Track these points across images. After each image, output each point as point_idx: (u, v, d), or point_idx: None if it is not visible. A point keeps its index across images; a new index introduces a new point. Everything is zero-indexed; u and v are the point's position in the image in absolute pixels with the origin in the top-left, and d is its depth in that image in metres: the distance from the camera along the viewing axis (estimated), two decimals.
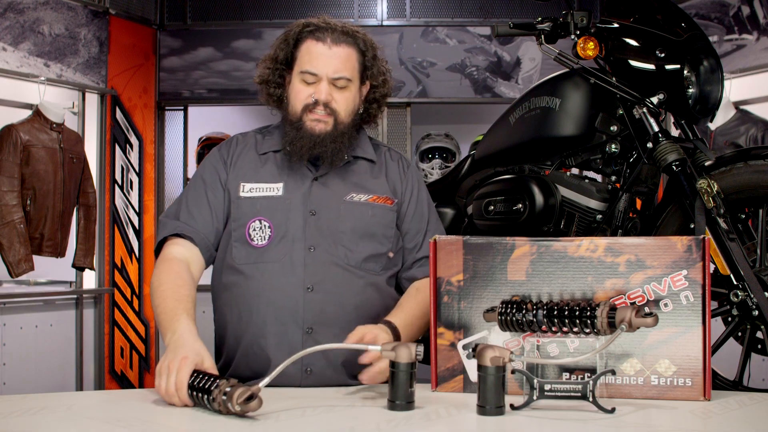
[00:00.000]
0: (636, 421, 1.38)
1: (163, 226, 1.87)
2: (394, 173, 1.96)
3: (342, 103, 1.85)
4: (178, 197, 1.94)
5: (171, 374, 1.47)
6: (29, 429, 1.32)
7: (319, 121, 1.83)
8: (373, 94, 1.95)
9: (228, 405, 1.38)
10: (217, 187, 1.88)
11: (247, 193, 1.85)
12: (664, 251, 1.54)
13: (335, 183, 1.88)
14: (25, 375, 4.21)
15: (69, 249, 4.34)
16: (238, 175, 1.88)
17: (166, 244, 1.85)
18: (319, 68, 1.83)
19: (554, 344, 1.56)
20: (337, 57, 1.84)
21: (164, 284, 1.73)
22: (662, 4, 2.06)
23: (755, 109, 4.10)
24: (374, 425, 1.35)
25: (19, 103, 4.26)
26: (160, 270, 1.79)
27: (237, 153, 1.92)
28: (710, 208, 1.85)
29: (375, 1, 5.16)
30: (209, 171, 1.91)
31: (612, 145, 2.10)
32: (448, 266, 1.63)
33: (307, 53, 1.85)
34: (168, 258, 1.81)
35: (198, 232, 1.84)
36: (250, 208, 1.83)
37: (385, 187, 1.92)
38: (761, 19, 4.12)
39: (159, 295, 1.71)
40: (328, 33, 1.86)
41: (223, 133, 5.30)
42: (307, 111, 1.84)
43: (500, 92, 5.17)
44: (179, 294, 1.70)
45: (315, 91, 1.83)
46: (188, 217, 1.86)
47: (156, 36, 5.16)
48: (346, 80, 1.85)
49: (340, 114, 1.85)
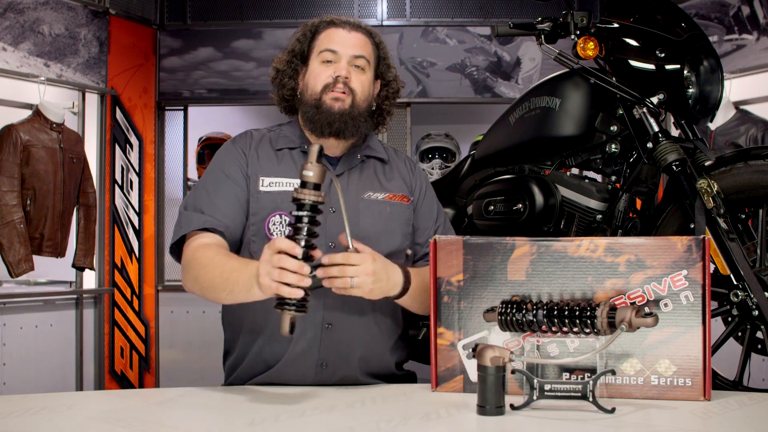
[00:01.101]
0: (636, 421, 1.38)
1: (187, 219, 1.81)
2: (404, 172, 1.97)
3: (359, 84, 1.87)
4: (194, 188, 1.89)
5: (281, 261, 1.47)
6: (29, 429, 1.32)
7: (337, 99, 1.84)
8: (385, 92, 1.97)
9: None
10: (240, 179, 1.85)
11: (267, 187, 1.84)
12: (664, 251, 1.54)
13: (352, 181, 1.88)
14: (25, 375, 4.21)
15: (69, 249, 4.34)
16: (257, 169, 1.86)
17: (193, 237, 1.79)
18: (338, 46, 1.86)
19: (554, 344, 1.56)
20: (357, 39, 1.89)
21: (214, 257, 1.70)
22: (662, 4, 2.06)
23: (755, 109, 4.10)
24: (374, 425, 1.35)
25: (19, 103, 4.26)
26: (200, 254, 1.73)
27: (254, 146, 1.90)
28: (710, 208, 1.85)
29: (375, 1, 5.16)
30: (230, 163, 1.87)
31: (612, 145, 2.10)
32: (448, 266, 1.63)
33: (327, 37, 1.89)
34: (203, 244, 1.77)
35: (226, 226, 1.80)
36: (270, 202, 1.82)
37: (400, 185, 1.93)
38: (761, 19, 4.12)
39: (217, 263, 1.68)
40: (346, 23, 1.91)
41: (223, 133, 5.29)
42: (326, 90, 1.85)
43: (500, 92, 5.16)
44: (232, 257, 1.71)
45: (335, 69, 1.85)
46: (214, 210, 1.81)
47: (156, 36, 5.15)
48: (364, 61, 1.88)
49: (357, 94, 1.86)
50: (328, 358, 1.78)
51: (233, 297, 1.66)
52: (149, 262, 5.04)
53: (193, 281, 1.74)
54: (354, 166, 1.90)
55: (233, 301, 1.68)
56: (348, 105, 1.84)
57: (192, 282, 1.75)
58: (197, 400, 1.63)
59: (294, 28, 2.05)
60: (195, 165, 5.24)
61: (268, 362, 1.80)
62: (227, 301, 1.71)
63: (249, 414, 1.44)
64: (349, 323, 1.79)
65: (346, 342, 1.79)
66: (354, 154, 1.92)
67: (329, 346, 1.78)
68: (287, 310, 1.47)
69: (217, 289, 1.67)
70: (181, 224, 1.82)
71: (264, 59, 5.11)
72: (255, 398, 1.61)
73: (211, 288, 1.69)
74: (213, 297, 1.71)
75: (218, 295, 1.69)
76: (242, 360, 1.84)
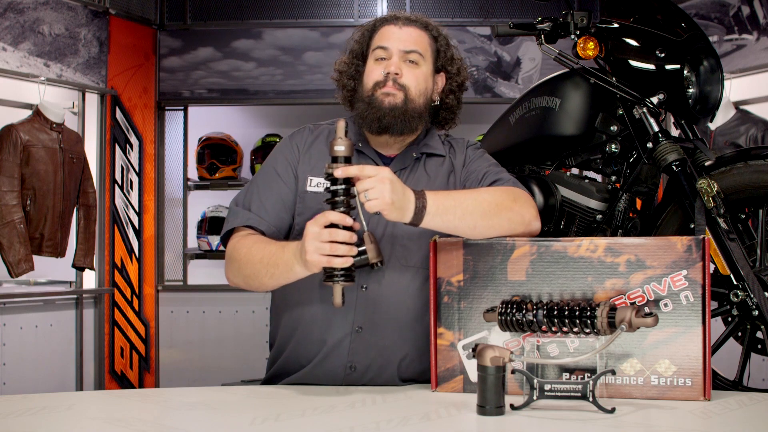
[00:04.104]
0: (636, 421, 1.38)
1: (234, 215, 1.84)
2: (459, 161, 1.92)
3: (412, 79, 1.84)
4: (247, 185, 1.90)
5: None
6: (29, 429, 1.32)
7: (388, 94, 1.82)
8: (450, 85, 1.94)
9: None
10: (289, 178, 1.86)
11: (314, 187, 1.83)
12: (664, 251, 1.54)
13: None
14: (25, 375, 4.21)
15: (69, 249, 4.34)
16: (307, 168, 1.86)
17: (237, 234, 1.82)
18: (389, 42, 1.85)
19: (554, 344, 1.56)
20: (409, 34, 1.87)
21: (253, 246, 1.72)
22: (662, 4, 2.06)
23: (755, 109, 4.10)
24: (374, 425, 1.36)
25: (19, 103, 4.26)
26: (241, 244, 1.76)
27: (309, 143, 1.90)
28: (710, 208, 1.85)
29: (375, 1, 5.16)
30: (281, 161, 1.88)
31: (612, 145, 2.10)
32: (448, 266, 1.63)
33: (380, 36, 1.88)
34: (243, 236, 1.79)
35: (269, 225, 1.81)
36: (315, 202, 1.80)
37: (451, 181, 1.88)
38: (761, 19, 4.12)
39: (256, 251, 1.70)
40: (401, 18, 1.90)
41: (223, 133, 5.29)
42: (377, 87, 1.83)
43: (500, 92, 5.16)
44: (271, 242, 1.72)
45: (385, 65, 1.84)
46: (260, 209, 1.83)
47: (156, 36, 5.15)
48: (417, 55, 1.85)
49: (410, 90, 1.83)
50: (357, 361, 1.76)
51: (275, 281, 1.68)
52: (149, 262, 5.04)
53: (236, 273, 1.77)
54: (407, 165, 1.87)
55: (276, 285, 1.71)
56: (400, 100, 1.82)
57: (235, 273, 1.77)
58: (197, 400, 1.63)
59: (294, 28, 2.06)
60: (195, 165, 5.23)
61: (301, 362, 1.80)
62: (271, 286, 1.73)
63: (249, 414, 1.44)
64: (380, 327, 1.77)
65: (375, 345, 1.76)
66: (409, 153, 1.89)
67: (358, 349, 1.76)
68: (338, 282, 1.52)
69: (259, 275, 1.70)
70: (228, 219, 1.85)
71: (264, 59, 5.12)
72: (255, 398, 1.62)
73: (253, 276, 1.71)
74: (257, 285, 1.73)
75: (261, 281, 1.71)
76: (281, 354, 1.85)
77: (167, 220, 5.16)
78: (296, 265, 1.60)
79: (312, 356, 1.78)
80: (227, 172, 5.21)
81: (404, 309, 1.77)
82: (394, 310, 1.77)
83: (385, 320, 1.76)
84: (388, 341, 1.76)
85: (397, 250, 1.79)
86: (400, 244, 1.79)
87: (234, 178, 5.20)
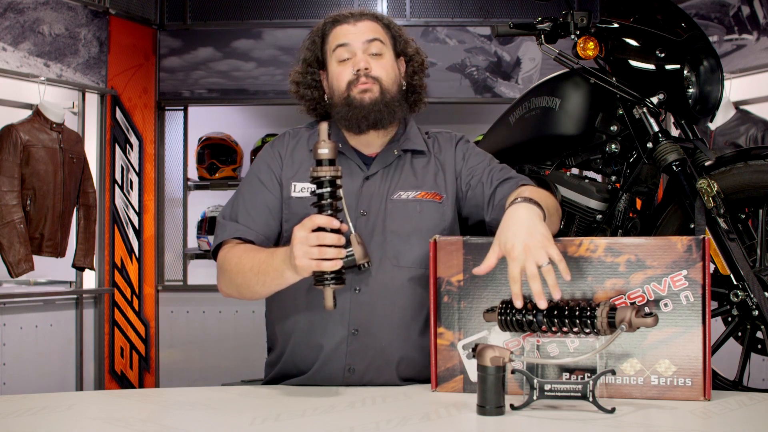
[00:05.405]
0: (636, 421, 1.38)
1: (222, 228, 1.84)
2: (449, 157, 1.92)
3: (382, 69, 1.84)
4: (233, 197, 1.90)
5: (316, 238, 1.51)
6: (29, 429, 1.32)
7: (365, 90, 1.82)
8: (411, 66, 1.93)
9: None
10: (274, 186, 1.85)
11: (298, 193, 1.83)
12: (664, 251, 1.54)
13: (385, 181, 1.85)
14: (25, 375, 4.21)
15: (69, 249, 4.34)
16: (290, 174, 1.86)
17: (226, 245, 1.82)
18: (348, 39, 1.84)
19: (554, 344, 1.56)
20: (365, 27, 1.86)
21: (242, 255, 1.73)
22: (662, 4, 2.06)
23: (755, 109, 4.10)
24: (374, 425, 1.35)
25: (19, 103, 4.26)
26: (231, 254, 1.76)
27: (291, 148, 1.89)
28: (710, 208, 1.85)
29: (375, 1, 5.16)
30: (264, 169, 1.87)
31: (612, 145, 2.10)
32: (448, 266, 1.63)
33: (335, 37, 1.87)
34: (234, 245, 1.80)
35: (258, 235, 1.81)
36: (301, 208, 1.80)
37: (439, 179, 1.87)
38: (761, 19, 4.12)
39: (246, 260, 1.71)
40: (349, 16, 1.88)
41: (223, 133, 5.30)
42: (351, 86, 1.83)
43: (500, 92, 5.17)
44: (260, 250, 1.73)
45: (353, 63, 1.83)
46: (247, 219, 1.83)
47: (156, 36, 5.15)
48: (379, 42, 1.85)
49: (383, 80, 1.83)
50: (356, 364, 1.76)
51: (267, 288, 1.69)
52: (149, 262, 5.04)
53: (228, 283, 1.78)
54: (389, 163, 1.87)
55: (269, 292, 1.72)
56: (377, 93, 1.82)
57: (227, 284, 1.78)
58: (197, 400, 1.63)
59: (294, 28, 2.05)
60: (195, 165, 5.24)
61: (300, 367, 1.80)
62: (263, 294, 1.74)
63: (249, 414, 1.44)
64: (375, 328, 1.76)
65: (372, 347, 1.76)
66: (390, 151, 1.88)
67: (356, 352, 1.75)
68: (329, 285, 1.52)
69: (250, 284, 1.70)
70: (217, 233, 1.85)
71: (264, 59, 5.12)
72: (255, 398, 1.62)
73: (245, 285, 1.72)
74: (250, 294, 1.74)
75: (253, 290, 1.71)
76: (280, 359, 1.85)
77: (167, 220, 5.16)
78: (286, 271, 1.60)
79: (310, 361, 1.78)
80: (227, 172, 5.21)
81: (399, 309, 1.77)
82: (388, 311, 1.77)
83: (381, 321, 1.76)
84: (385, 342, 1.76)
85: (388, 250, 1.78)
86: (390, 244, 1.79)
87: (234, 178, 5.20)
